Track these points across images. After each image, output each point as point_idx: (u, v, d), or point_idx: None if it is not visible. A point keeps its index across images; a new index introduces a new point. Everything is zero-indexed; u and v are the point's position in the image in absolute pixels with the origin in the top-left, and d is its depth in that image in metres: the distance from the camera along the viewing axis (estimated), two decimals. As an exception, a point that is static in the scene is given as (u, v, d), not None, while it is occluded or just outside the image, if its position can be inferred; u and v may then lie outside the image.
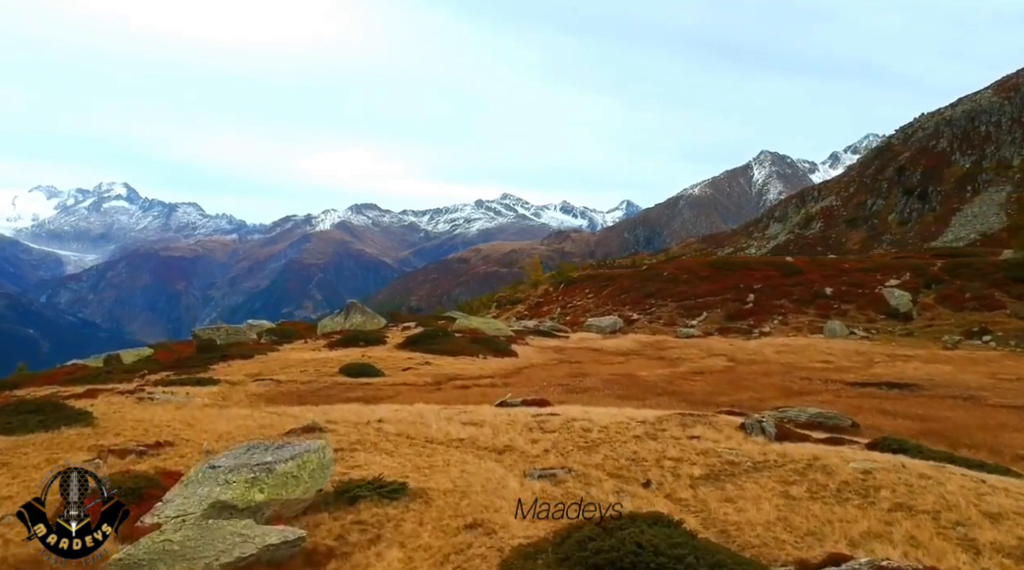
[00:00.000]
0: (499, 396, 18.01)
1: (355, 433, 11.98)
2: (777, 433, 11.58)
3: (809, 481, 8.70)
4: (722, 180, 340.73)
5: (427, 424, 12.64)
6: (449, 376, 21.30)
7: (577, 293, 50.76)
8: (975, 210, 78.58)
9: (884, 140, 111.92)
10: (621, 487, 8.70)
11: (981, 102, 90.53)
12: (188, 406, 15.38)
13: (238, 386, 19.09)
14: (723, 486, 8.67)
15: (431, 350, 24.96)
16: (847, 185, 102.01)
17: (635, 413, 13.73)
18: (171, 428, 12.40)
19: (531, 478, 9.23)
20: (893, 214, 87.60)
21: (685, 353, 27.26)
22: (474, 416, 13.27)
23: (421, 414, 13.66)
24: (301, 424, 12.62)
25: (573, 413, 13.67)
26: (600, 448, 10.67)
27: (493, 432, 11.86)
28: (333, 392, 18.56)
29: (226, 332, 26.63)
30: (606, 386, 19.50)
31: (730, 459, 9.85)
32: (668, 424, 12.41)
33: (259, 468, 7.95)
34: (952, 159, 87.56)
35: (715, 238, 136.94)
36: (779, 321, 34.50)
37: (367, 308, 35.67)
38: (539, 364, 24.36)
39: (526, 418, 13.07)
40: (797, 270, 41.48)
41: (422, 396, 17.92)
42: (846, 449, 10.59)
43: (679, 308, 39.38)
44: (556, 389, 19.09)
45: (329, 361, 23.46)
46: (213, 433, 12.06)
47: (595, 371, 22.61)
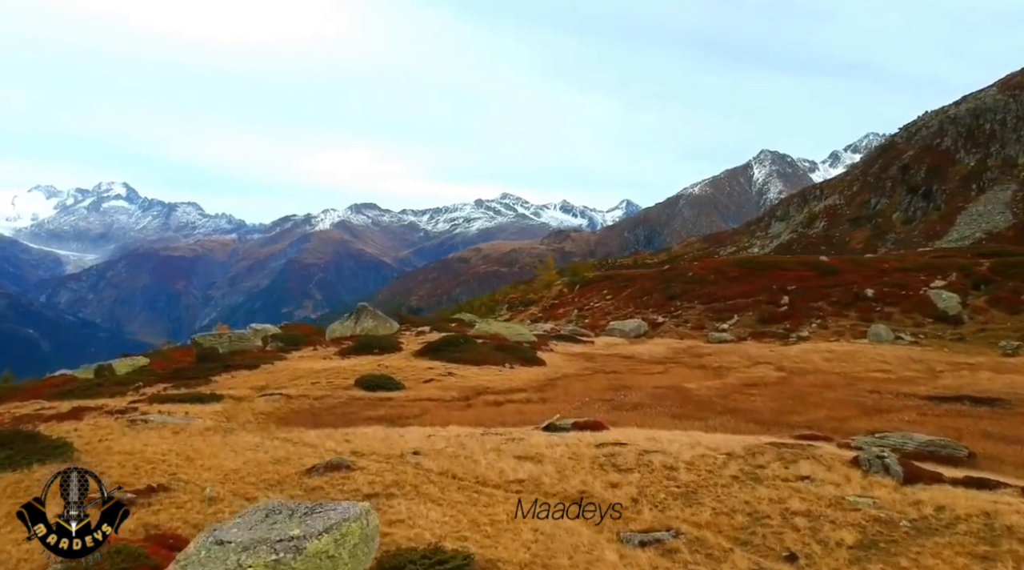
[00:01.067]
0: (539, 414, 15.95)
1: (389, 471, 9.90)
2: (905, 472, 9.49)
3: (1007, 554, 6.62)
4: (722, 179, 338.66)
5: (473, 458, 10.57)
6: (477, 389, 19.22)
7: (594, 294, 48.84)
8: (980, 209, 77.00)
9: (887, 139, 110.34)
10: (758, 563, 6.62)
11: (986, 100, 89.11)
12: (187, 430, 13.29)
13: (244, 403, 16.99)
14: (896, 561, 6.58)
15: (452, 359, 22.80)
16: (850, 184, 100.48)
17: (712, 441, 11.67)
18: (167, 464, 10.31)
19: (630, 544, 7.17)
20: (897, 213, 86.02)
21: (726, 361, 25.18)
22: (526, 447, 11.20)
23: (462, 443, 11.59)
24: (323, 459, 10.55)
25: (640, 441, 11.62)
26: (701, 497, 8.59)
27: (557, 471, 9.78)
28: (351, 410, 16.43)
29: (229, 339, 24.24)
30: (655, 401, 17.41)
31: (875, 515, 7.78)
32: (764, 458, 10.34)
33: (284, 546, 5.86)
34: (956, 157, 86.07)
35: (717, 237, 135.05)
36: (817, 325, 32.27)
37: (378, 311, 33.36)
38: (572, 374, 22.26)
39: (589, 449, 11.00)
40: (833, 270, 39.22)
41: (452, 414, 15.83)
42: (1008, 497, 8.49)
43: (707, 311, 37.18)
44: (600, 405, 17.00)
45: (342, 371, 21.32)
46: (217, 471, 9.98)
47: (636, 383, 20.50)
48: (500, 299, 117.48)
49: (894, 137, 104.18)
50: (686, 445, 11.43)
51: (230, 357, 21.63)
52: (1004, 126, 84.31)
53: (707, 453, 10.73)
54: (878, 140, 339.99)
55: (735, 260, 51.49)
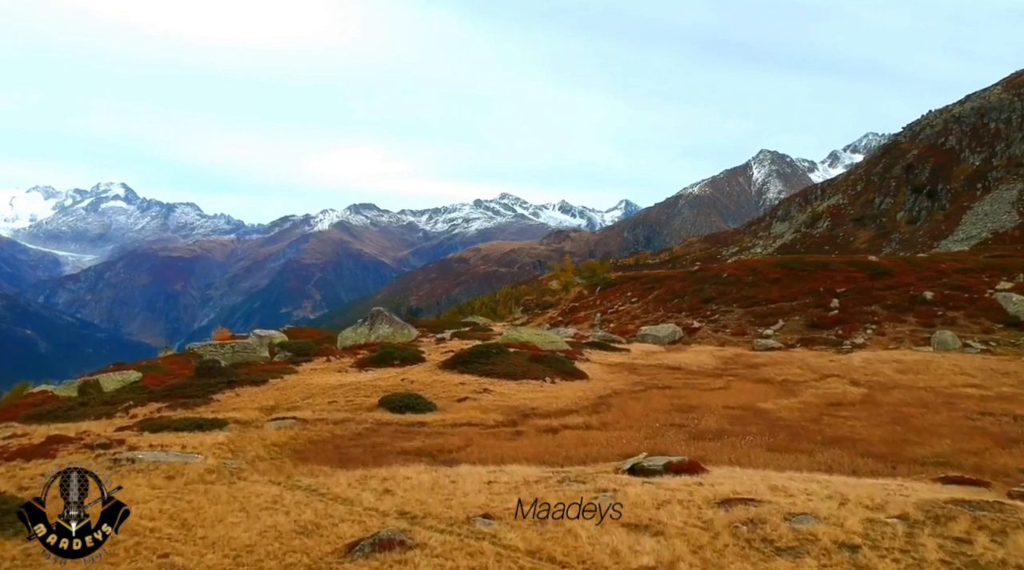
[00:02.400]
0: (606, 445, 13.31)
1: (459, 549, 7.25)
2: None
3: None
4: (721, 179, 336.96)
5: (565, 525, 7.90)
6: (521, 411, 16.46)
7: (617, 297, 46.17)
8: (986, 208, 75.49)
9: (891, 138, 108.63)
10: None
11: (990, 99, 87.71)
12: (184, 473, 10.63)
13: (251, 429, 14.25)
14: None
15: (485, 372, 20.04)
16: (854, 183, 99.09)
17: (855, 491, 9.11)
18: (156, 538, 7.64)
19: None
20: (902, 213, 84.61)
21: (787, 373, 22.47)
22: (629, 506, 8.53)
23: (537, 495, 8.98)
24: (364, 526, 7.92)
25: (765, 493, 9.06)
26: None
27: (694, 552, 7.13)
28: (380, 439, 13.69)
29: (232, 349, 21.30)
30: (736, 427, 14.69)
31: None
32: (957, 526, 7.70)
33: None
34: (961, 157, 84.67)
35: (719, 237, 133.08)
36: (873, 331, 29.50)
37: (395, 316, 30.58)
38: (624, 391, 19.49)
39: (712, 510, 8.36)
40: (886, 271, 36.44)
41: (503, 446, 13.14)
42: None
43: (747, 315, 34.41)
44: (673, 433, 14.24)
45: (362, 387, 18.60)
46: (225, 549, 7.32)
47: (700, 401, 17.73)
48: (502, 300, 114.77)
49: (898, 136, 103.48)
50: (828, 499, 8.85)
51: (233, 371, 18.88)
52: (1009, 125, 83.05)
53: (872, 516, 8.09)
54: (878, 140, 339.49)
55: (775, 260, 48.14)
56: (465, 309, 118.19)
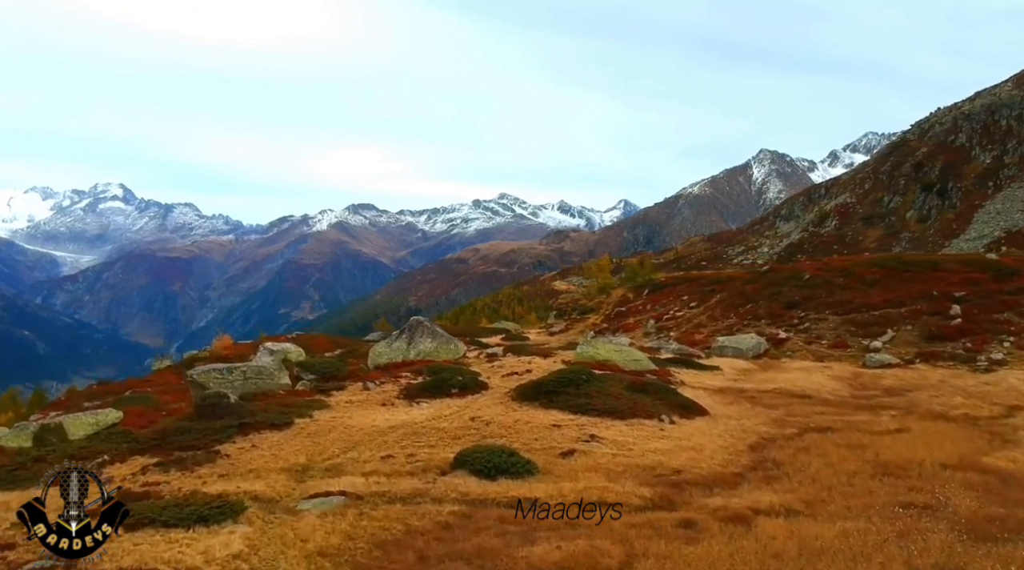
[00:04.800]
0: (837, 553, 6.50)
1: None
2: None
3: None
4: (721, 179, 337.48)
5: None
6: (664, 477, 10.85)
7: (672, 300, 40.30)
8: (998, 207, 74.58)
9: (899, 135, 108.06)
10: None
11: (1001, 96, 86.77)
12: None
13: (280, 517, 8.90)
14: None
15: (579, 407, 15.27)
16: (862, 181, 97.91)
17: None
18: None
19: None
20: (911, 211, 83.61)
21: (948, 402, 17.42)
22: None
23: None
24: None
25: None
26: None
27: None
28: (487, 543, 7.92)
29: (242, 376, 16.72)
30: (1002, 505, 8.73)
31: None
32: None
33: None
34: (972, 154, 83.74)
35: (723, 236, 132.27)
36: (1011, 344, 25.45)
37: (437, 327, 25.98)
38: (775, 436, 13.66)
39: None
40: (1014, 272, 31.32)
41: (671, 550, 7.43)
42: None
43: (846, 323, 29.68)
44: (925, 523, 8.19)
45: (421, 431, 13.38)
46: None
47: (893, 454, 11.77)
48: (504, 300, 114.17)
49: (906, 134, 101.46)
50: None
51: (246, 408, 14.59)
52: (1021, 122, 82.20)
53: None
54: (878, 139, 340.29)
55: (871, 259, 40.95)
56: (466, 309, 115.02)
